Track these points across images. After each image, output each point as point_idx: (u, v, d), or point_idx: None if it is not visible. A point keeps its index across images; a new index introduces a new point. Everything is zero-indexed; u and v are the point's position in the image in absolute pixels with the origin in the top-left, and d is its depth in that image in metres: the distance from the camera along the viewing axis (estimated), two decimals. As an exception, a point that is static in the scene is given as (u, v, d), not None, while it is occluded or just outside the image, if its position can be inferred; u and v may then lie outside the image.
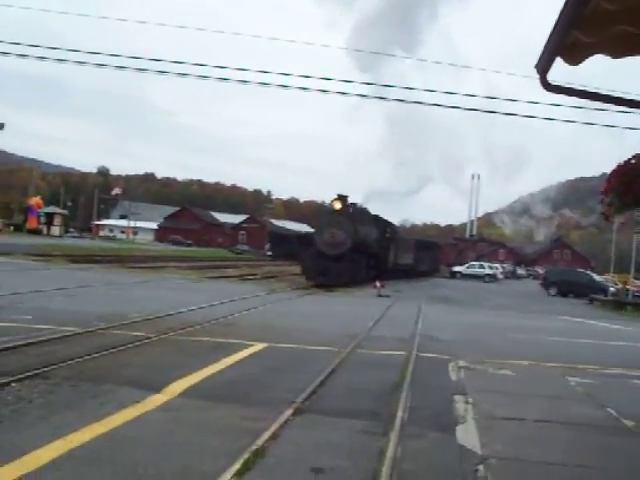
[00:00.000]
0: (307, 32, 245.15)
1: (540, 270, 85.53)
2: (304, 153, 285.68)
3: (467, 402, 8.47)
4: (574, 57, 5.22)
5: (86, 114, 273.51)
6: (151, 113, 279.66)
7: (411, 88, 18.51)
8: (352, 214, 37.39)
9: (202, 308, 17.08)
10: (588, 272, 56.33)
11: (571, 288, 46.71)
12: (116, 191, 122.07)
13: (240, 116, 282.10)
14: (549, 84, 5.48)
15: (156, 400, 7.34)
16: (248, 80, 18.31)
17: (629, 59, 5.46)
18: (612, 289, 44.64)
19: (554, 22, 4.73)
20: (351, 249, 34.90)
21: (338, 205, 36.23)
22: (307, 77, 18.80)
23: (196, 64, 17.91)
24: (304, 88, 18.33)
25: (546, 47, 5.05)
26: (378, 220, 44.70)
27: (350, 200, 38.22)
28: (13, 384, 7.45)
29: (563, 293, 46.36)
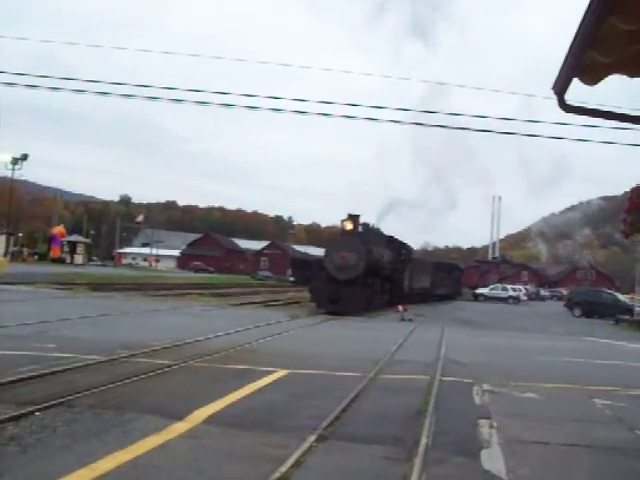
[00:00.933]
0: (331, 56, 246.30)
1: (564, 291, 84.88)
2: (325, 178, 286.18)
3: (492, 426, 8.39)
4: (591, 77, 5.21)
5: (107, 143, 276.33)
6: (169, 141, 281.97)
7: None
8: (364, 235, 35.48)
9: (224, 335, 17.08)
10: (613, 292, 55.81)
11: (596, 309, 46.26)
12: (139, 219, 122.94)
13: (259, 142, 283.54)
14: (567, 105, 5.46)
15: (179, 428, 7.33)
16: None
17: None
18: (638, 309, 44.12)
19: (570, 42, 4.74)
20: (364, 273, 32.51)
21: (349, 226, 33.51)
22: (329, 103, 18.70)
23: (216, 92, 18.07)
24: (326, 114, 18.41)
25: (562, 68, 5.05)
26: (392, 241, 41.73)
27: (362, 220, 36.25)
28: (37, 413, 7.47)
29: (588, 314, 45.90)
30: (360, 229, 35.55)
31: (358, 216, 34.60)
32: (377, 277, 35.09)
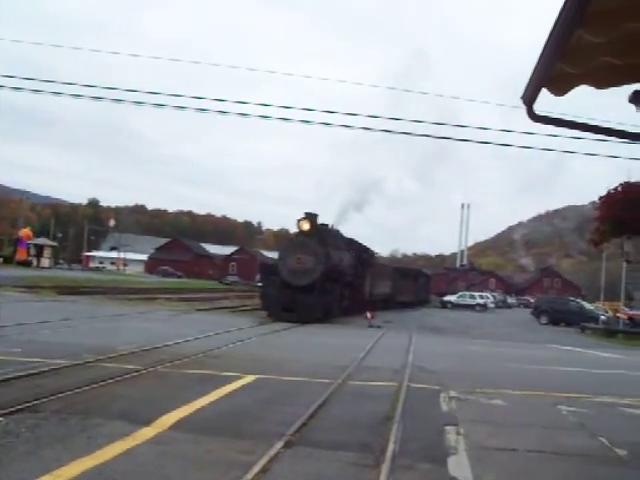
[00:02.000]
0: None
1: (531, 299, 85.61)
2: (294, 183, 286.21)
3: (458, 433, 8.43)
4: (559, 88, 5.28)
5: (75, 146, 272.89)
6: (138, 144, 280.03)
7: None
8: (323, 236, 32.20)
9: (192, 340, 17.00)
10: (579, 300, 56.46)
11: (562, 316, 46.80)
12: (111, 223, 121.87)
13: (229, 147, 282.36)
14: (536, 115, 5.52)
15: (146, 433, 7.27)
16: (248, 114, 18.40)
17: (613, 89, 5.54)
18: (603, 317, 44.69)
19: (539, 53, 4.79)
20: (322, 278, 29.74)
21: (306, 226, 30.68)
22: (310, 110, 18.73)
23: (194, 97, 18.00)
24: (306, 121, 18.39)
25: (531, 78, 5.10)
26: (352, 243, 38.84)
27: (321, 221, 33.30)
28: (0, 418, 7.37)
29: (554, 322, 46.42)
30: (314, 232, 32.14)
31: (316, 216, 31.99)
32: (336, 282, 31.88)
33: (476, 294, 72.89)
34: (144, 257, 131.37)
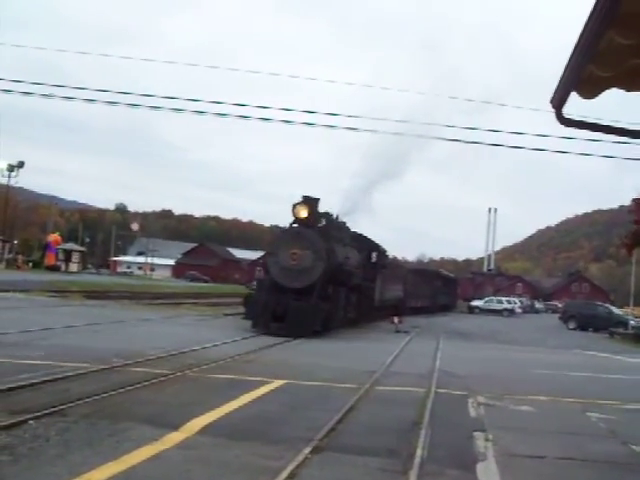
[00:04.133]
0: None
1: (559, 304, 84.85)
2: (319, 188, 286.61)
3: (487, 439, 8.36)
4: (589, 91, 5.22)
5: (103, 152, 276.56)
6: (165, 150, 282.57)
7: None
8: (326, 228, 25.58)
9: (220, 345, 17.04)
10: (607, 305, 55.82)
11: (590, 322, 46.26)
12: (134, 227, 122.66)
13: (254, 152, 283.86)
14: (565, 118, 5.47)
15: (174, 438, 7.29)
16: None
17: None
18: (632, 322, 44.15)
19: (568, 56, 4.75)
20: (324, 279, 23.44)
21: (304, 212, 24.02)
22: (334, 115, 18.90)
23: (211, 102, 18.13)
24: (331, 126, 18.46)
25: (561, 81, 5.06)
26: (361, 239, 32.34)
27: (322, 209, 25.96)
28: (30, 422, 7.43)
29: (582, 327, 45.92)
30: (323, 222, 25.82)
31: (317, 200, 24.88)
32: (341, 286, 25.78)
33: (503, 299, 72.40)
34: (171, 262, 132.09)
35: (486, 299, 72.48)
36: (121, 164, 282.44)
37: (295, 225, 24.68)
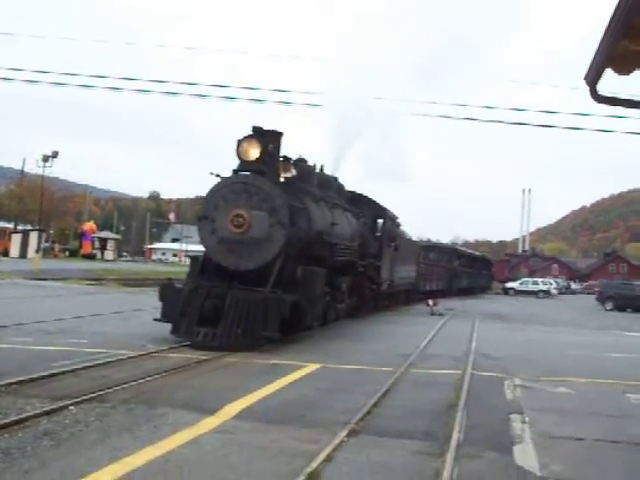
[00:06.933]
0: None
1: (595, 284, 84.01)
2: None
3: (524, 421, 8.30)
4: (624, 67, 5.13)
5: (135, 140, 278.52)
6: (197, 137, 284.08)
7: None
8: (298, 180, 17.11)
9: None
10: (645, 285, 55.02)
11: (629, 302, 45.60)
12: (172, 217, 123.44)
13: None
14: (599, 95, 5.38)
15: (210, 423, 7.35)
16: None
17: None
18: (672, 303, 43.44)
19: (602, 32, 4.66)
20: (289, 254, 15.30)
21: (254, 152, 15.28)
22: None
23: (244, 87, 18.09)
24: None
25: (595, 58, 4.97)
26: (361, 202, 24.33)
27: (296, 155, 17.68)
28: (71, 407, 7.55)
29: (620, 307, 45.31)
30: (293, 172, 16.93)
31: (278, 135, 16.04)
32: (320, 265, 16.60)
33: (539, 280, 71.81)
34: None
35: (521, 280, 71.94)
36: (153, 152, 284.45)
37: (242, 173, 15.58)
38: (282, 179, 16.44)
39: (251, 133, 15.47)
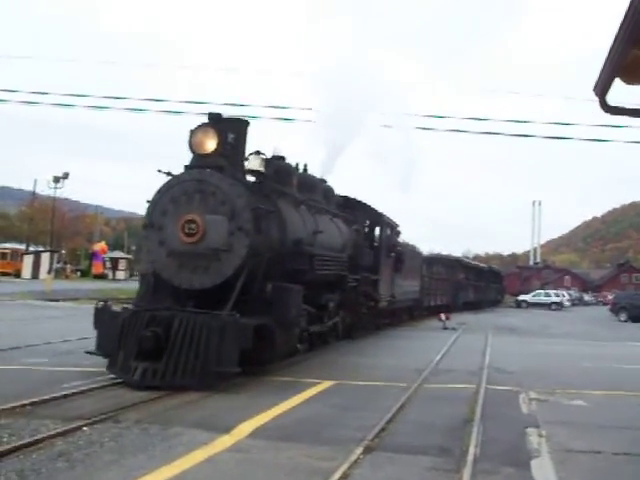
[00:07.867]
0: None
1: (609, 295, 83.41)
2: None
3: (541, 435, 8.23)
4: (634, 77, 5.10)
5: (145, 158, 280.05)
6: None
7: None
8: (271, 179, 14.29)
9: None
10: (659, 296, 54.60)
11: (642, 313, 45.30)
12: None
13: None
14: (609, 106, 5.36)
15: (225, 441, 7.32)
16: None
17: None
18: (686, 314, 43.10)
19: (611, 41, 4.64)
20: (253, 268, 12.36)
21: (211, 143, 12.60)
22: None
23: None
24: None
25: (604, 68, 4.95)
26: (355, 207, 21.69)
27: (273, 152, 14.87)
28: (84, 428, 7.54)
29: (634, 318, 44.96)
30: (261, 166, 14.03)
31: (243, 123, 13.27)
32: (296, 281, 13.34)
33: (551, 292, 71.38)
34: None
35: (534, 293, 71.57)
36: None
37: (195, 170, 12.77)
38: (251, 178, 13.95)
39: (206, 121, 12.86)
